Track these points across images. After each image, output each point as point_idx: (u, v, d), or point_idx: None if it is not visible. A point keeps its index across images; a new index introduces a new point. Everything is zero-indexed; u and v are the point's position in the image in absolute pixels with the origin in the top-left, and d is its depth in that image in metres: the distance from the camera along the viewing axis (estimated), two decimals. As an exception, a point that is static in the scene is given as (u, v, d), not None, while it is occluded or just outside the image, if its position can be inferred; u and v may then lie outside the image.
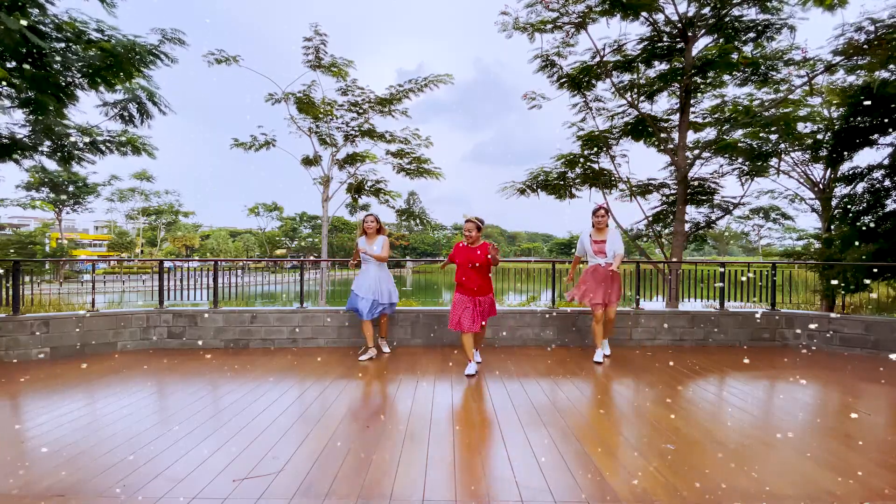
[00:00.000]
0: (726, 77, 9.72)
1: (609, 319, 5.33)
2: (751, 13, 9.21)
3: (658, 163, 14.76)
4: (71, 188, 41.79)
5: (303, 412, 3.65)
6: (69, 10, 6.37)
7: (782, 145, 10.71)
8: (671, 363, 5.28)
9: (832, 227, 11.46)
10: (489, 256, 4.62)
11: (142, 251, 55.34)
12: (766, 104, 9.82)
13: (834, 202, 11.89)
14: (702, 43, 9.69)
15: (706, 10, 9.24)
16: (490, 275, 4.87)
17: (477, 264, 4.65)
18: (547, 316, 6.32)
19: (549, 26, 9.55)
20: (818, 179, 12.67)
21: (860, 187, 10.90)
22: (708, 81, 9.72)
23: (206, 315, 6.15)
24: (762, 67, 9.27)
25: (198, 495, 2.36)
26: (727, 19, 9.21)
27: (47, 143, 8.63)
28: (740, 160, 10.48)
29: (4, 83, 5.76)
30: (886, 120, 9.56)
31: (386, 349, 5.81)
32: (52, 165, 9.77)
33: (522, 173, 12.09)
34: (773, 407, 3.90)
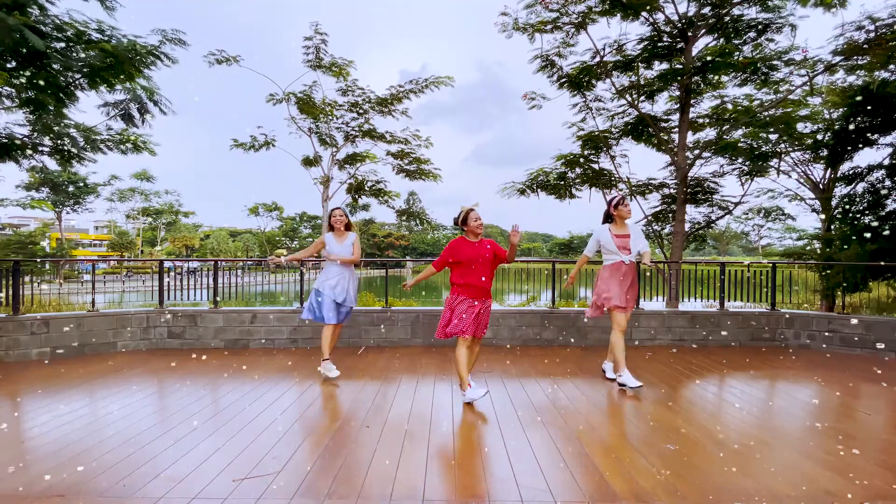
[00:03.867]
0: (726, 77, 9.72)
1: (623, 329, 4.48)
2: (751, 13, 9.21)
3: (658, 163, 14.79)
4: (71, 188, 41.76)
5: (303, 412, 3.65)
6: (69, 11, 6.37)
7: (782, 145, 10.71)
8: (671, 363, 5.27)
9: (832, 227, 11.46)
10: (514, 243, 3.79)
11: (142, 251, 55.33)
12: (766, 104, 9.81)
13: (834, 202, 11.89)
14: (702, 43, 9.69)
15: (706, 10, 9.24)
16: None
17: (483, 261, 3.88)
18: (547, 316, 6.32)
19: (549, 27, 9.55)
20: (818, 179, 12.66)
21: (860, 187, 10.91)
22: (708, 81, 9.72)
23: (206, 315, 6.15)
24: (762, 67, 9.27)
25: (198, 495, 2.36)
26: (727, 19, 9.21)
27: (47, 142, 8.63)
28: (740, 160, 10.48)
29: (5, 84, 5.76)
30: (886, 120, 9.57)
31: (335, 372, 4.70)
32: (52, 165, 9.77)
33: (522, 174, 12.09)
34: (773, 407, 3.90)
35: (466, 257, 3.90)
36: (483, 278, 3.90)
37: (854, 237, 9.84)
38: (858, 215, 10.58)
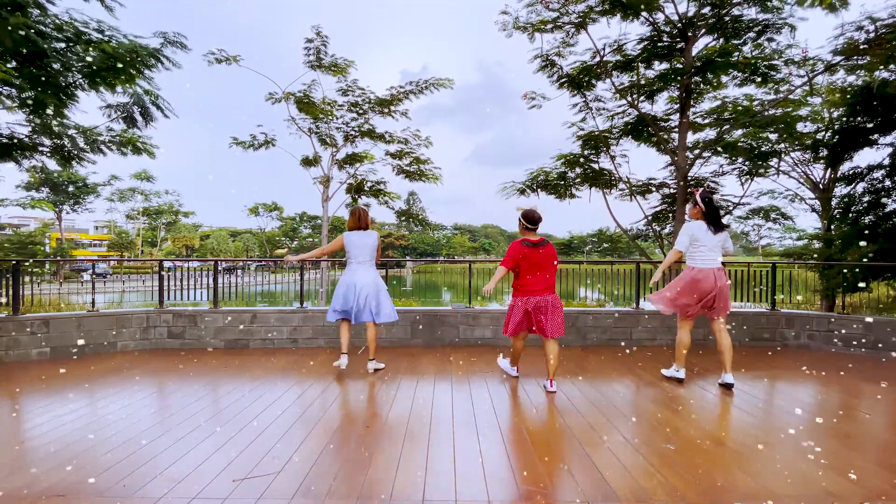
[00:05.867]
0: (726, 77, 9.72)
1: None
2: (751, 13, 9.21)
3: (658, 162, 14.82)
4: (71, 188, 41.78)
5: (303, 412, 3.65)
6: (69, 11, 6.37)
7: (782, 145, 10.70)
8: (672, 363, 5.26)
9: (832, 227, 11.46)
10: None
11: (141, 251, 55.34)
12: (766, 104, 9.81)
13: (834, 202, 11.88)
14: (702, 43, 9.69)
15: (706, 10, 9.24)
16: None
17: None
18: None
19: (549, 26, 9.54)
20: (818, 179, 12.66)
21: (860, 187, 10.91)
22: (708, 81, 9.72)
23: (206, 315, 6.15)
24: (762, 67, 9.27)
25: (198, 495, 2.36)
26: (727, 19, 9.21)
27: (47, 142, 8.63)
28: (740, 160, 10.48)
29: (4, 84, 5.76)
30: (886, 120, 9.57)
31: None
32: (52, 165, 9.78)
33: (522, 174, 12.09)
34: (773, 407, 3.90)
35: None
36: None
37: (854, 237, 9.84)
38: (858, 215, 10.58)
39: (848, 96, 9.94)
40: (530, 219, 4.15)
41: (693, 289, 4.32)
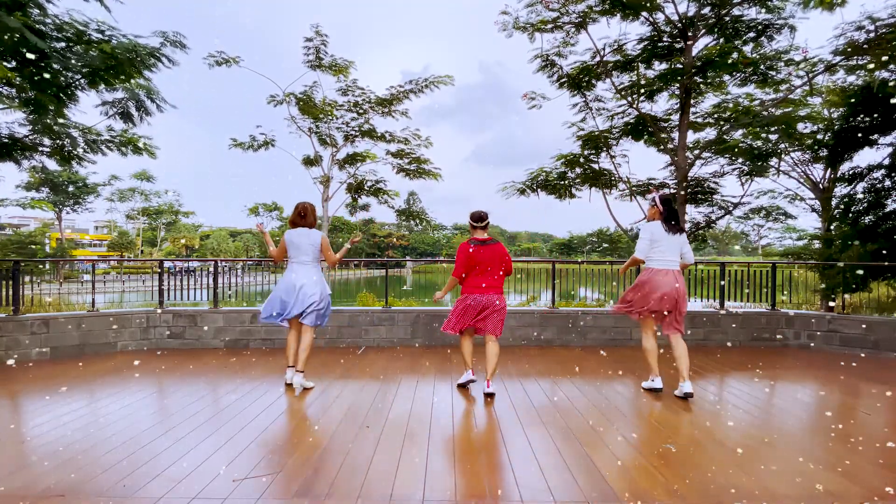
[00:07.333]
0: (726, 77, 9.72)
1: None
2: (751, 13, 9.21)
3: (658, 163, 14.79)
4: (71, 188, 41.70)
5: (303, 412, 3.64)
6: (70, 11, 6.37)
7: (782, 145, 10.71)
8: (671, 363, 5.26)
9: (832, 227, 11.46)
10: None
11: (141, 251, 55.34)
12: (767, 104, 9.81)
13: (834, 202, 11.88)
14: (702, 43, 9.68)
15: (706, 10, 9.24)
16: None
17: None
18: (547, 316, 6.32)
19: (550, 26, 9.55)
20: (818, 179, 12.66)
21: (860, 187, 10.90)
22: (708, 81, 9.72)
23: (206, 315, 6.14)
24: (762, 67, 9.27)
25: (198, 495, 2.36)
26: (727, 19, 9.21)
27: (47, 142, 8.64)
28: (740, 160, 10.48)
29: (4, 83, 5.76)
30: (886, 120, 9.56)
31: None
32: (52, 165, 9.79)
33: (523, 174, 12.10)
34: (773, 407, 3.90)
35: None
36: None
37: (854, 237, 9.83)
38: (858, 215, 10.58)
39: (848, 96, 9.94)
40: (475, 217, 4.35)
41: (653, 288, 4.27)
